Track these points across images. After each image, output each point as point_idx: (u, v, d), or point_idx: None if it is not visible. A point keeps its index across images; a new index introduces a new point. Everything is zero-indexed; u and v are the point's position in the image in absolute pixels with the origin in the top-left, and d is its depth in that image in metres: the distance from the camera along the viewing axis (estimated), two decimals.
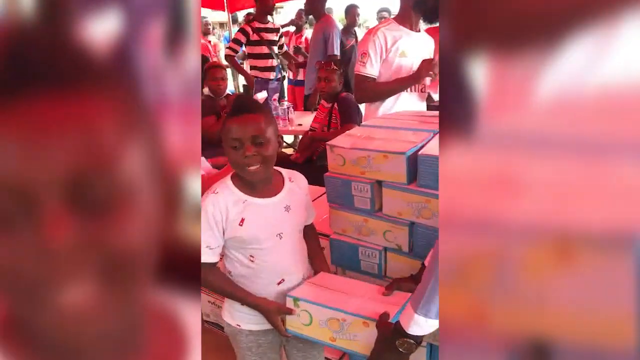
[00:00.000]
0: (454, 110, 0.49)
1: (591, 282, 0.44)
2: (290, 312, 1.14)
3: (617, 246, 0.43)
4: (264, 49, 4.37)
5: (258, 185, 1.16)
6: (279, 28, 4.48)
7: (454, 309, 0.51)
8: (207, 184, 1.92)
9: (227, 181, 1.17)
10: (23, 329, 0.43)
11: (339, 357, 1.57)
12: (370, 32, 2.13)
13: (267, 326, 1.21)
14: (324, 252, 1.38)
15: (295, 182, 1.24)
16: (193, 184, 0.48)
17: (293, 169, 1.30)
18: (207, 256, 1.14)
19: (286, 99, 4.80)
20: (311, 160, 2.82)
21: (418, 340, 0.91)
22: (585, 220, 0.43)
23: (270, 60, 4.43)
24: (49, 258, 0.37)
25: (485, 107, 0.46)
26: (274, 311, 1.17)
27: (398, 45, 2.04)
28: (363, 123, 1.64)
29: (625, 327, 0.44)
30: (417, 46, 2.05)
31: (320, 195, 1.75)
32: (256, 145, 1.08)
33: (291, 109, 3.55)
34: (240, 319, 1.23)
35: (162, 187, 0.44)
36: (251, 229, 1.14)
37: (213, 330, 2.13)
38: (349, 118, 2.56)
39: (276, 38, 4.42)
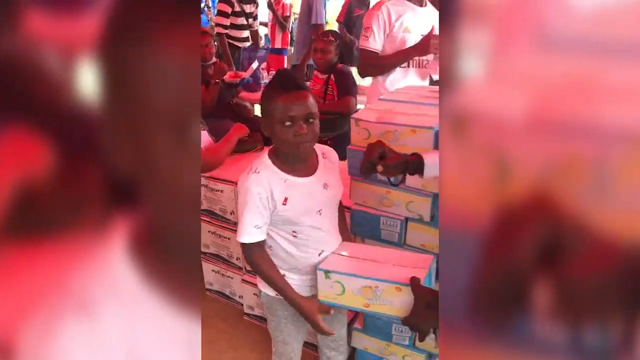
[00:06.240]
0: None
1: None
2: (328, 312, 1.18)
3: None
4: (242, 20, 4.33)
5: (297, 163, 1.16)
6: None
7: None
8: (211, 155, 1.94)
9: (266, 160, 1.16)
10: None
11: (351, 318, 1.65)
12: (375, 6, 2.15)
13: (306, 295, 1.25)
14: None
15: (327, 158, 1.26)
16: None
17: None
18: (255, 235, 1.15)
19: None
20: None
21: None
22: None
23: (245, 31, 4.42)
24: None
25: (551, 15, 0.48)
26: (313, 311, 1.19)
27: (402, 20, 2.07)
28: (381, 97, 1.68)
29: None
30: (422, 22, 2.08)
31: None
32: (308, 123, 1.08)
33: None
34: None
35: None
36: (294, 208, 1.15)
37: (217, 299, 2.18)
38: (347, 90, 2.58)
39: (254, 9, 4.41)
